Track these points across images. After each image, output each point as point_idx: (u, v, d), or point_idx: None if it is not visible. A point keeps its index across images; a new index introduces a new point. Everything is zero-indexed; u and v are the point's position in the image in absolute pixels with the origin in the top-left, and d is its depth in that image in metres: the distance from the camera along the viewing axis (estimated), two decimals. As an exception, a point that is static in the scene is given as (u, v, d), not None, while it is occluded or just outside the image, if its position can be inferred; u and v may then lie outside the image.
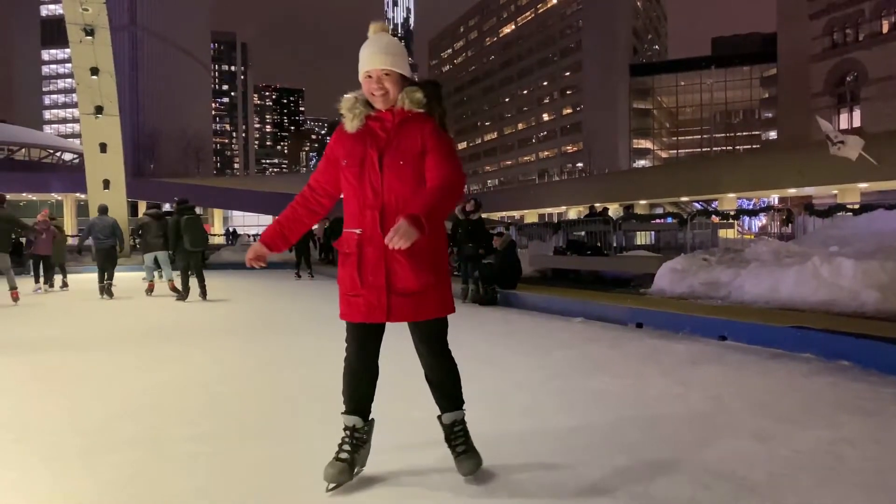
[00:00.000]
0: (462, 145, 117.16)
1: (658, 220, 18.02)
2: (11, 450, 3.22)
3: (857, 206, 11.91)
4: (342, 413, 2.69)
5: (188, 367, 5.39)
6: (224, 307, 10.31)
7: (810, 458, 2.94)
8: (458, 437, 2.71)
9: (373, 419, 2.74)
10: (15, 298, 10.81)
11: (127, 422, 3.68)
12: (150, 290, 12.38)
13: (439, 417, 2.76)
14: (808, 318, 6.02)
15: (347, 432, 2.67)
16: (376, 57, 2.53)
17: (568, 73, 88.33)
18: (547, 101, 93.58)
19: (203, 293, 11.06)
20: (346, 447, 2.64)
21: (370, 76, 2.54)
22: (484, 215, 11.49)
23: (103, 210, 12.68)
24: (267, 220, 72.68)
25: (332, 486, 2.58)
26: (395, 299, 2.53)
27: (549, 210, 65.68)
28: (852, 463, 2.88)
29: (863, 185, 35.10)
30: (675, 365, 5.14)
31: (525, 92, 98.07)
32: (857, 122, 46.14)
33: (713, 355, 5.45)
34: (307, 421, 3.69)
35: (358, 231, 2.55)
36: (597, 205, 21.85)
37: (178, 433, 3.45)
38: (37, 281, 13.81)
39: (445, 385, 2.73)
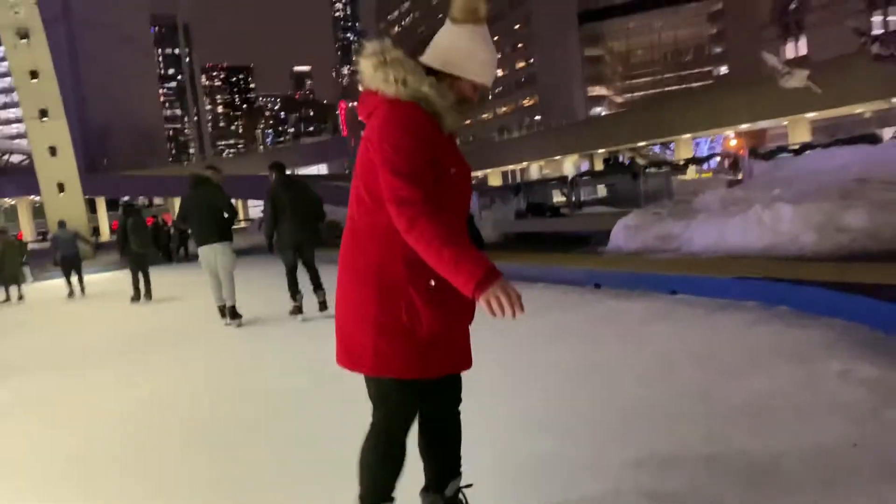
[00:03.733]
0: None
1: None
2: None
3: (797, 147, 12.31)
4: None
5: (171, 380, 5.53)
6: (184, 308, 10.41)
7: (745, 412, 3.23)
8: None
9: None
10: None
11: (108, 444, 3.85)
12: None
13: (431, 491, 2.23)
14: (751, 265, 6.36)
15: None
16: (494, 68, 2.01)
17: (517, 27, 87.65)
18: (499, 56, 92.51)
19: (149, 294, 11.28)
20: None
21: (476, 87, 2.00)
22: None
23: (62, 224, 14.11)
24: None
25: None
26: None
27: (511, 167, 65.88)
28: (783, 414, 3.17)
29: (811, 115, 35.84)
30: (630, 326, 5.43)
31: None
32: (803, 51, 46.77)
33: (665, 312, 5.75)
34: (285, 425, 3.90)
35: None
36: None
37: (165, 454, 3.64)
38: None
39: (458, 442, 2.25)
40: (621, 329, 5.35)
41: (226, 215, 7.43)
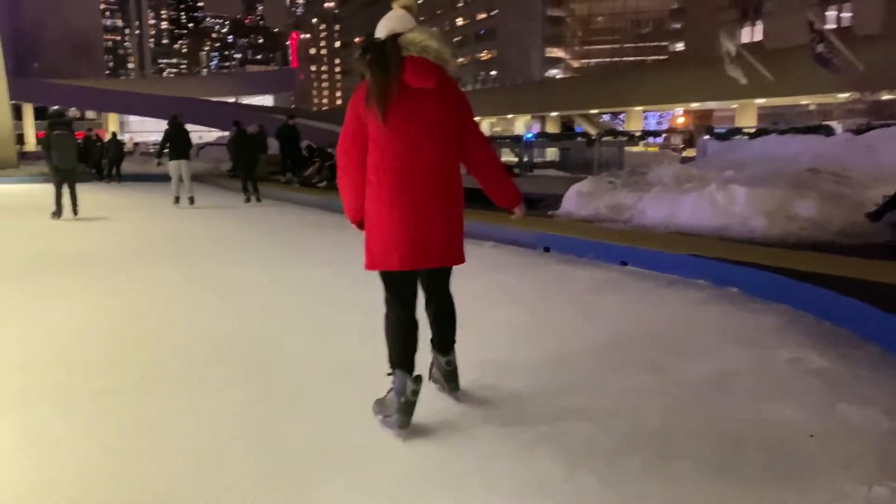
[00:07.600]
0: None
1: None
2: None
3: (752, 131, 12.44)
4: None
5: (92, 304, 5.20)
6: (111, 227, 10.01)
7: (698, 394, 3.18)
8: None
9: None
10: None
11: (38, 372, 3.56)
12: None
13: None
14: (703, 244, 6.36)
15: None
16: None
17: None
18: (461, 4, 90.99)
19: (75, 210, 10.86)
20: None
21: None
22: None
23: None
24: (164, 125, 67.70)
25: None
26: None
27: (462, 120, 65.04)
28: (735, 397, 3.13)
29: (760, 101, 36.57)
30: (578, 293, 5.36)
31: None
32: (758, 37, 47.47)
33: (614, 282, 5.70)
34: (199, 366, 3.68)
35: None
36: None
37: (87, 386, 3.37)
38: None
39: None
40: (569, 297, 5.28)
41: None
